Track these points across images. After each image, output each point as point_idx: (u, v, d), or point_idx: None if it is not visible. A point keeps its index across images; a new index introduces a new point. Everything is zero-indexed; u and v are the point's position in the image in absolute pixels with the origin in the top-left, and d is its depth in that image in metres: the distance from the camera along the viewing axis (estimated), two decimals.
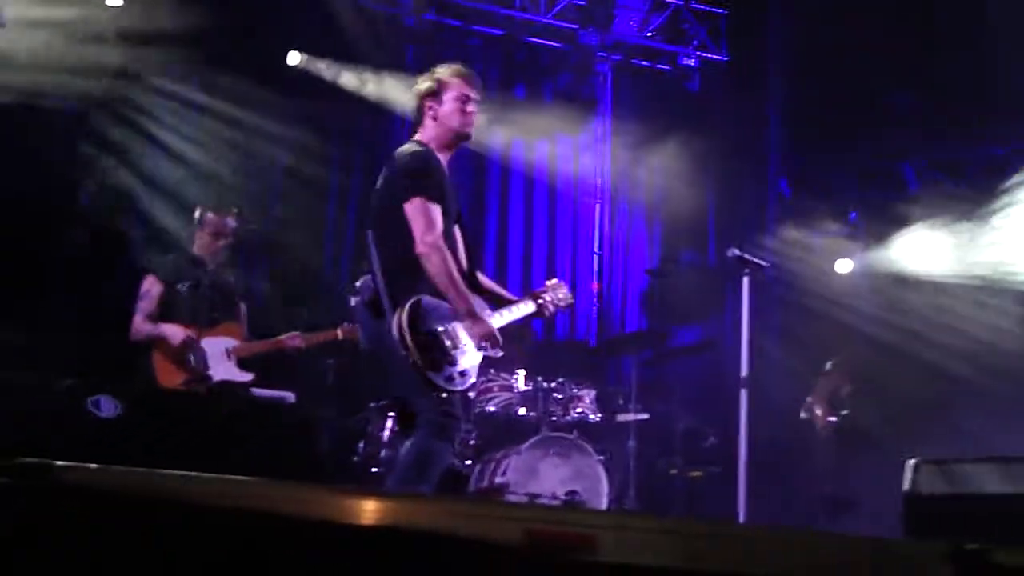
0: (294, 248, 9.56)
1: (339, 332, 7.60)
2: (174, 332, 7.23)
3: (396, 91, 9.86)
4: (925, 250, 10.57)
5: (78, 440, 3.83)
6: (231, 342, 7.38)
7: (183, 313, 7.33)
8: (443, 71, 5.73)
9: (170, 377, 7.15)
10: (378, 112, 10.01)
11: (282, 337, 7.52)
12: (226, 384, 7.22)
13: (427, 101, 5.68)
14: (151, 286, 7.43)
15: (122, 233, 9.08)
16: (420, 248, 5.32)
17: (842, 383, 9.62)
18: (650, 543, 2.69)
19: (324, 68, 9.97)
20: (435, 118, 5.66)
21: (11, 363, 7.16)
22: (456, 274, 5.40)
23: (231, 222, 7.71)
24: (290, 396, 7.37)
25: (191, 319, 7.29)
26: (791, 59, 11.20)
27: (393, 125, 10.04)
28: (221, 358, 7.29)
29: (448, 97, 5.66)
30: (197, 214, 7.72)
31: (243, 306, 7.72)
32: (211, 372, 7.21)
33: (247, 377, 7.35)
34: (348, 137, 10.16)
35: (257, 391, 7.30)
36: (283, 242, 9.51)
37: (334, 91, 10.01)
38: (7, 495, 2.02)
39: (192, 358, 7.15)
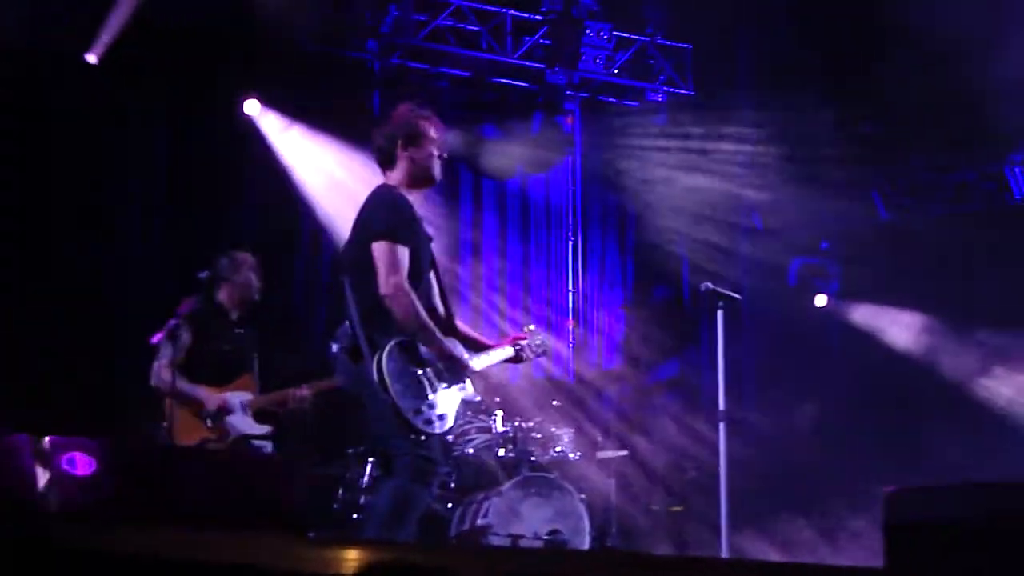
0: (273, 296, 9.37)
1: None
2: (211, 399, 7.09)
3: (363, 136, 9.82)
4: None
5: (54, 498, 3.79)
6: (246, 396, 7.26)
7: (205, 368, 7.17)
8: (423, 118, 5.74)
9: (189, 432, 7.03)
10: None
11: (291, 389, 7.33)
12: (245, 438, 7.13)
13: (405, 145, 5.68)
14: (181, 332, 7.06)
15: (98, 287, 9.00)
16: (384, 290, 5.35)
17: None
18: None
19: (279, 119, 9.86)
20: (412, 160, 5.66)
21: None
22: (424, 315, 5.41)
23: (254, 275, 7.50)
24: (267, 446, 7.28)
25: (212, 376, 7.17)
26: (758, 91, 11.28)
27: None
28: (237, 412, 7.18)
29: (428, 143, 5.68)
30: (226, 259, 7.41)
31: (255, 361, 7.49)
32: (229, 429, 7.14)
33: (264, 430, 7.25)
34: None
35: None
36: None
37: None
38: None
39: (215, 422, 7.06)
